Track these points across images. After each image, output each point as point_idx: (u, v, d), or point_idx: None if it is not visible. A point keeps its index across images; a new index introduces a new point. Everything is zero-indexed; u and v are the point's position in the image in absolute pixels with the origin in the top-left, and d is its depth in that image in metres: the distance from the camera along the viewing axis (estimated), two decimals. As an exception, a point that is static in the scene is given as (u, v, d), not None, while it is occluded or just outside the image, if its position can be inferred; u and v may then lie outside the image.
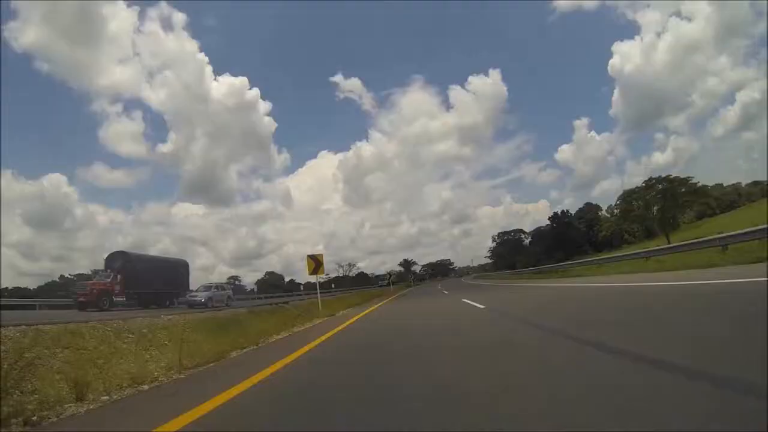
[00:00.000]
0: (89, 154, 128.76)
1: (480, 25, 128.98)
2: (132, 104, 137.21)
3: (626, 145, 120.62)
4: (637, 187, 35.35)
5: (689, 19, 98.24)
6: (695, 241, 13.97)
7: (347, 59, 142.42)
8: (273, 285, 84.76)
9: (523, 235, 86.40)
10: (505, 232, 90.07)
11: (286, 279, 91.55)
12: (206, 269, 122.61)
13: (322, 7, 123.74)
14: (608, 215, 67.29)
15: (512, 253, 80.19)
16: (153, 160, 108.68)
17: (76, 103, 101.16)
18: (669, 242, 33.13)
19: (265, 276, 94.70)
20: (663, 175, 33.19)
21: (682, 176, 33.22)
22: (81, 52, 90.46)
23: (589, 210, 75.82)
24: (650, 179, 33.79)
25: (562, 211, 75.33)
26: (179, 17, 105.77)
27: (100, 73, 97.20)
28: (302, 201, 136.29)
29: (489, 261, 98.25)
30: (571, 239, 71.43)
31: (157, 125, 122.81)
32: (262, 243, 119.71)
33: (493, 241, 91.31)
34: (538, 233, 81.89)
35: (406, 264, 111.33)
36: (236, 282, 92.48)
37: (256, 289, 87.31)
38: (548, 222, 78.03)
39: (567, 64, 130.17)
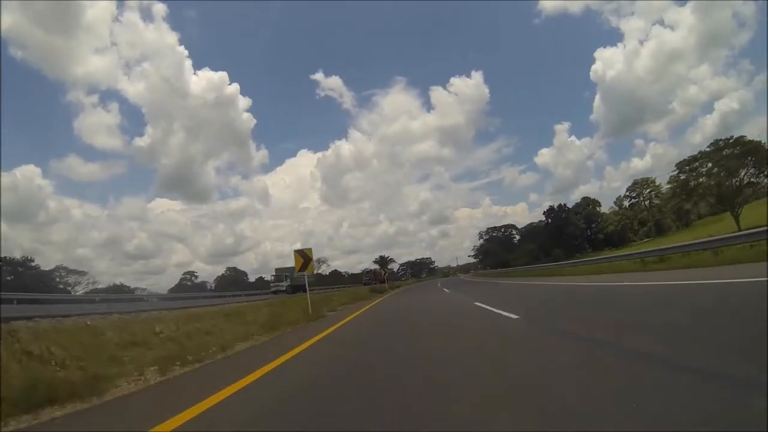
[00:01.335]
0: (64, 146, 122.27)
1: (464, 27, 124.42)
2: (108, 96, 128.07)
3: (606, 151, 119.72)
4: (700, 152, 28.06)
5: (672, 28, 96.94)
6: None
7: (329, 57, 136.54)
8: (234, 282, 74.79)
9: (514, 231, 79.66)
10: (494, 228, 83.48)
11: (261, 276, 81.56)
12: (182, 266, 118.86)
13: (306, 5, 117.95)
14: (617, 207, 61.50)
15: (504, 250, 73.12)
16: (129, 153, 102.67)
17: (51, 92, 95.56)
18: (739, 226, 26.12)
19: (225, 272, 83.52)
20: (731, 138, 25.82)
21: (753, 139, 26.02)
22: (57, 39, 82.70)
23: (587, 205, 69.72)
24: (717, 141, 26.48)
25: (560, 205, 68.94)
26: (159, 8, 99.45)
27: (76, 63, 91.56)
28: (280, 199, 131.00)
29: (473, 260, 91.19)
30: (569, 236, 64.84)
31: (134, 118, 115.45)
32: (240, 240, 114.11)
33: (480, 237, 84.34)
34: (530, 229, 75.36)
35: (382, 261, 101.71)
36: (193, 278, 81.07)
37: (213, 287, 77.48)
38: (543, 217, 71.60)
39: (550, 67, 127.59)
